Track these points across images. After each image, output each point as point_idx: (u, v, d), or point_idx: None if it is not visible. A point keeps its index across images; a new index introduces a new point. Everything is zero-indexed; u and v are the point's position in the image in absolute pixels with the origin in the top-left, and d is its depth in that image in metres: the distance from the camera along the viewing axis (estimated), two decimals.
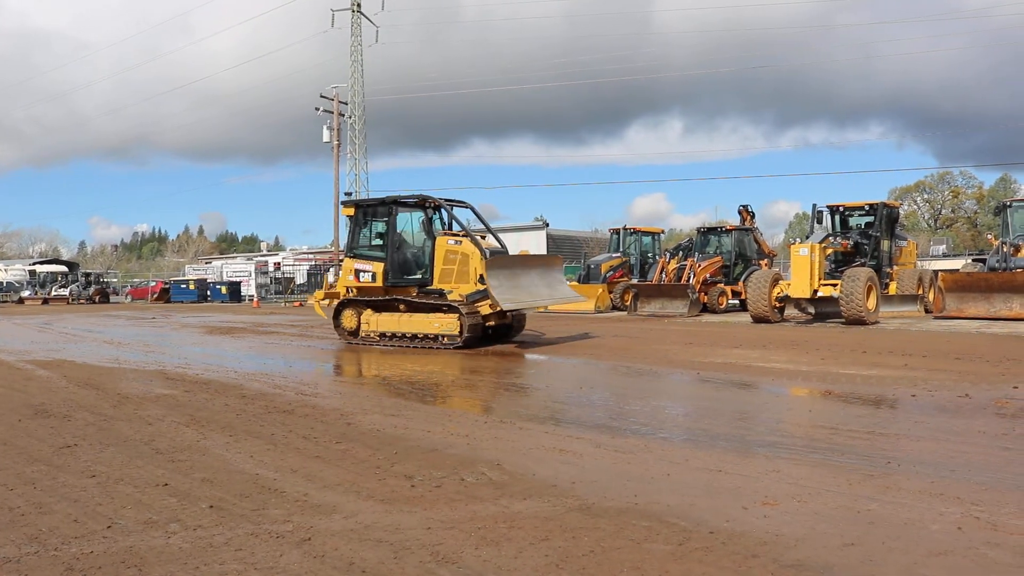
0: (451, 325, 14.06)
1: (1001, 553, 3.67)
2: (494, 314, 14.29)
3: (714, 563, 3.59)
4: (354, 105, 62.06)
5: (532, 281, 14.58)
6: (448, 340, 14.10)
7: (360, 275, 15.40)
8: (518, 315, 15.47)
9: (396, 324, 14.82)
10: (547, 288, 14.84)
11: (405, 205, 15.33)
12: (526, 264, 15.14)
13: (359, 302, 15.46)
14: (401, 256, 15.31)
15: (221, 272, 63.30)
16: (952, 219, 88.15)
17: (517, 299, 14.01)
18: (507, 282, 13.89)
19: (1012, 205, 23.84)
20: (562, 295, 15.44)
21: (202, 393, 9.11)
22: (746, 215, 29.39)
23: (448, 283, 14.59)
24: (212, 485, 5.06)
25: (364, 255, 15.48)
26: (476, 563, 3.65)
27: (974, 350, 12.53)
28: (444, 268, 14.65)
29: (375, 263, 15.22)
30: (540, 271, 15.08)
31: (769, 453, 5.80)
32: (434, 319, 14.30)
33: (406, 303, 14.79)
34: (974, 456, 5.64)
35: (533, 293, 14.47)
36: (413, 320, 14.61)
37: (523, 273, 14.54)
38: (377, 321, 15.07)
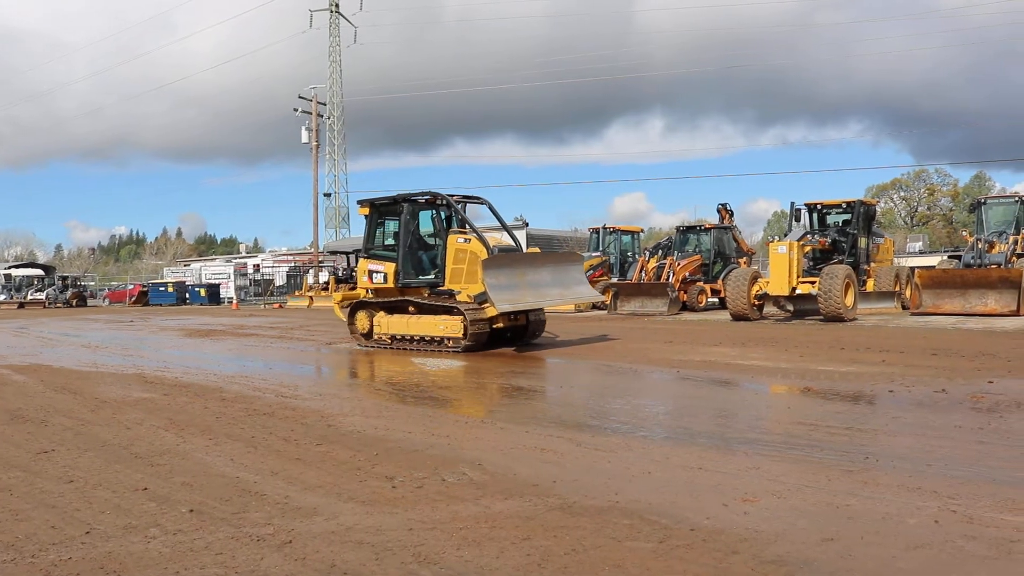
0: (455, 327, 13.56)
1: (977, 546, 3.71)
2: (502, 315, 13.59)
3: (695, 560, 3.61)
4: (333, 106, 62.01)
5: (541, 280, 13.85)
6: (453, 343, 13.62)
7: (373, 276, 15.01)
8: (534, 316, 14.76)
9: (405, 326, 14.37)
10: (560, 287, 14.15)
11: (416, 203, 14.80)
12: (534, 262, 14.23)
13: (373, 304, 15.04)
14: (413, 256, 14.83)
15: (200, 274, 62.96)
16: (928, 216, 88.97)
17: (517, 299, 13.30)
18: (508, 281, 13.23)
19: (986, 202, 24.13)
20: (578, 294, 14.94)
21: (181, 396, 9.05)
22: (725, 214, 29.56)
23: (458, 283, 14.06)
24: (192, 489, 5.03)
25: (377, 255, 15.08)
26: (458, 563, 3.65)
27: (950, 346, 12.65)
28: (454, 268, 14.14)
29: (387, 263, 14.81)
30: (552, 269, 14.31)
31: (749, 450, 5.83)
32: (440, 321, 13.83)
33: (415, 304, 14.32)
34: (951, 450, 5.70)
35: (540, 293, 13.75)
36: (421, 322, 14.14)
37: (530, 272, 13.78)
38: (388, 323, 14.60)
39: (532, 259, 14.31)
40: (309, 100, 50.58)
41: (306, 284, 44.19)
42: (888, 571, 3.45)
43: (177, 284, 54.08)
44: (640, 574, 3.48)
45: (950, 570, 3.44)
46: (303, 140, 50.50)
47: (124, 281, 70.38)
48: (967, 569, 3.45)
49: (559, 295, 14.24)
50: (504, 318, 13.81)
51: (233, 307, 43.40)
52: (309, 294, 40.81)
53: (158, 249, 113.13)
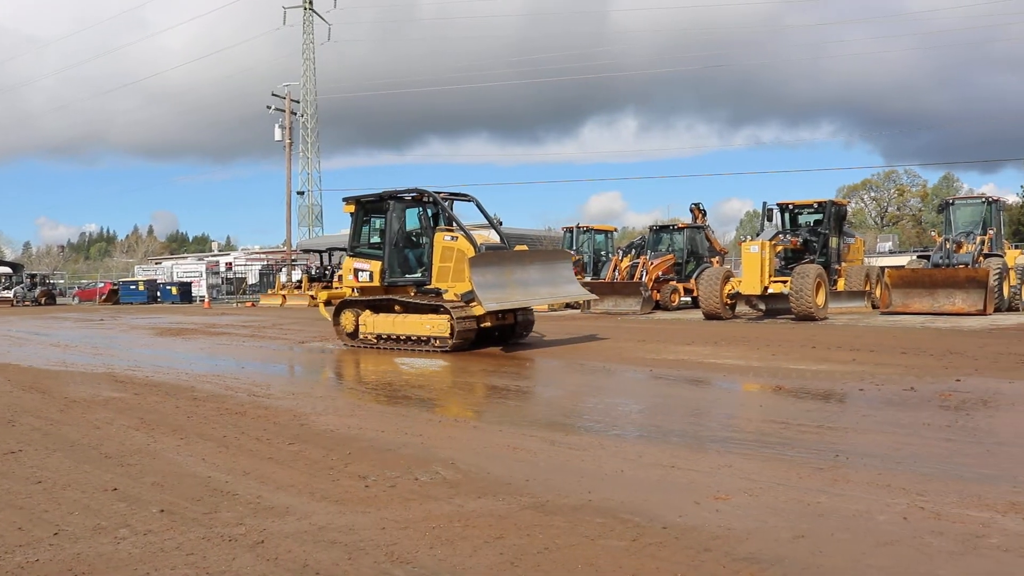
0: (442, 326, 13.27)
1: (944, 541, 3.76)
2: (490, 314, 13.37)
3: (667, 558, 3.63)
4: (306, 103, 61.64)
5: (529, 278, 13.60)
6: (439, 343, 13.34)
7: (359, 274, 14.72)
8: (523, 316, 14.51)
9: (391, 326, 14.11)
10: (549, 286, 13.92)
11: (402, 200, 14.56)
12: (522, 260, 13.92)
13: (359, 303, 14.78)
14: (399, 254, 14.59)
15: (171, 273, 62.32)
16: (898, 216, 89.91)
17: (505, 298, 13.00)
18: (495, 280, 12.98)
19: (954, 203, 24.40)
20: (567, 293, 14.73)
21: (152, 396, 8.97)
22: (698, 213, 29.72)
23: (445, 282, 13.82)
24: (163, 489, 4.99)
25: (363, 253, 14.83)
26: (431, 562, 3.64)
27: (919, 344, 12.80)
28: (441, 266, 13.90)
29: (373, 262, 14.55)
30: (541, 267, 14.05)
31: (721, 448, 5.87)
32: (426, 320, 13.55)
33: (401, 303, 14.08)
34: (919, 448, 5.76)
35: (528, 291, 13.50)
36: (407, 321, 13.87)
37: (517, 270, 13.51)
38: (374, 322, 14.34)
39: (520, 257, 14.06)
40: (282, 98, 50.34)
41: (279, 283, 43.91)
42: (858, 567, 3.48)
43: (148, 282, 53.50)
44: (613, 572, 3.49)
45: (918, 566, 3.49)
46: (276, 138, 50.27)
47: (94, 279, 69.55)
48: (935, 564, 3.49)
49: (548, 294, 14.07)
50: (492, 317, 13.62)
51: (205, 306, 43.04)
52: (282, 292, 40.56)
53: (129, 247, 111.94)
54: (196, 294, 53.14)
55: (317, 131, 64.79)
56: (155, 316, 30.58)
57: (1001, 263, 20.81)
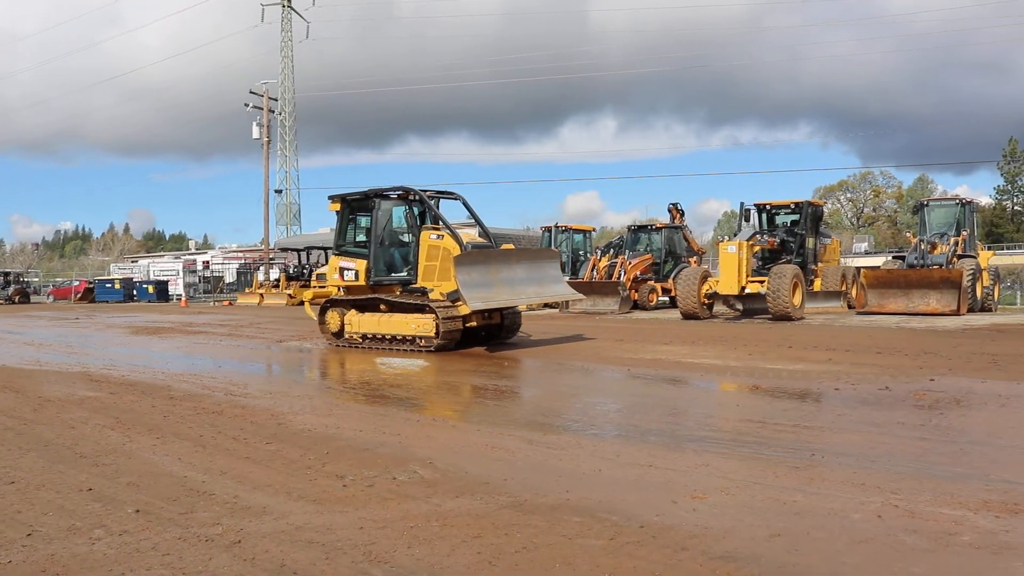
0: (427, 326, 13.12)
1: (918, 539, 3.80)
2: (476, 314, 13.26)
3: (645, 557, 3.65)
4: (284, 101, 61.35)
5: (515, 277, 13.45)
6: (424, 342, 13.19)
7: (344, 273, 14.54)
8: (510, 315, 14.41)
9: (377, 325, 13.97)
10: (536, 285, 13.77)
11: (388, 198, 14.37)
12: (508, 259, 13.71)
13: (344, 302, 14.63)
14: (385, 253, 14.40)
15: (148, 271, 61.90)
16: (874, 217, 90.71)
17: (490, 297, 12.86)
18: (481, 279, 12.82)
19: (929, 204, 24.65)
20: (554, 292, 14.54)
21: (128, 395, 8.90)
22: (676, 213, 29.82)
23: (431, 281, 13.65)
24: (138, 489, 4.95)
25: (349, 252, 14.64)
26: (409, 562, 3.64)
27: (894, 344, 12.92)
28: (427, 265, 13.74)
29: (358, 260, 14.35)
30: (527, 266, 13.89)
31: (698, 447, 5.90)
32: (411, 320, 13.39)
33: (387, 302, 13.89)
34: (894, 447, 5.82)
35: (515, 290, 13.34)
36: (392, 321, 13.73)
37: (504, 269, 13.36)
38: (359, 321, 14.21)
39: (507, 256, 13.86)
40: (260, 95, 50.08)
41: (256, 281, 43.71)
42: (833, 565, 3.52)
43: (124, 281, 53.09)
44: (591, 571, 3.50)
45: (892, 563, 3.52)
46: (254, 136, 50.01)
47: (69, 277, 68.97)
48: (908, 562, 3.53)
49: (535, 293, 13.89)
50: (478, 317, 13.51)
51: (182, 304, 42.74)
52: (260, 291, 40.36)
53: (105, 245, 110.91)
54: (173, 293, 52.85)
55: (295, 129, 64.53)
56: (131, 315, 30.34)
57: (974, 264, 21.03)
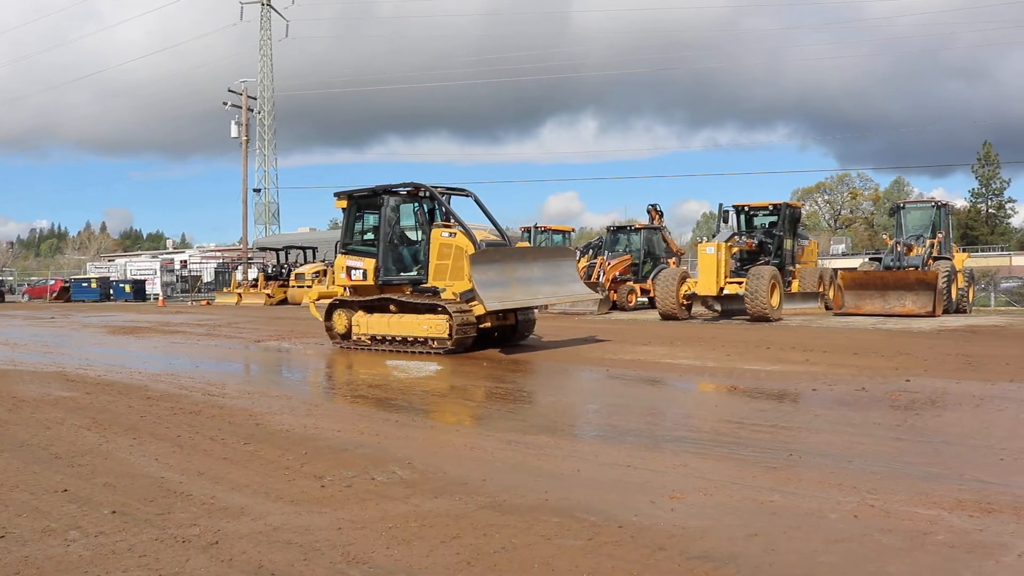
0: (440, 327, 12.61)
1: (893, 538, 3.84)
2: (490, 314, 12.74)
3: (623, 557, 3.66)
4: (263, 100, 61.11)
5: (532, 276, 13.00)
6: (437, 344, 12.68)
7: (352, 273, 14.04)
8: (523, 316, 13.94)
9: (386, 326, 13.41)
10: (552, 285, 13.33)
11: (397, 195, 13.88)
12: (524, 257, 13.30)
13: (351, 303, 14.13)
14: (394, 251, 13.89)
15: (125, 270, 61.44)
16: (851, 219, 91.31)
17: (507, 297, 12.39)
18: (497, 278, 12.33)
19: (905, 207, 24.86)
20: (571, 292, 14.02)
21: (104, 395, 8.83)
22: (655, 214, 29.91)
23: (443, 280, 13.17)
24: (115, 490, 4.91)
25: (356, 251, 14.18)
26: (387, 562, 3.63)
27: (870, 345, 13.02)
28: (439, 264, 13.26)
29: (366, 259, 13.88)
30: (544, 265, 13.44)
31: (676, 448, 5.93)
32: (423, 320, 12.88)
33: (397, 303, 13.38)
34: (870, 447, 5.87)
35: (532, 290, 12.90)
36: (403, 322, 13.20)
37: (520, 268, 12.89)
38: (368, 323, 13.66)
39: (523, 254, 13.50)
40: (239, 94, 49.78)
41: (235, 281, 43.48)
42: (810, 564, 3.54)
43: (101, 280, 52.61)
44: (569, 571, 3.51)
45: (868, 563, 3.55)
46: (233, 135, 49.70)
47: (45, 276, 68.27)
48: (884, 561, 3.56)
49: (551, 293, 13.48)
50: (492, 317, 13.05)
51: (159, 304, 42.43)
52: (238, 291, 40.15)
53: (81, 244, 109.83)
54: (150, 292, 52.45)
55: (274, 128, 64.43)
56: (108, 314, 30.09)
57: (949, 266, 21.24)
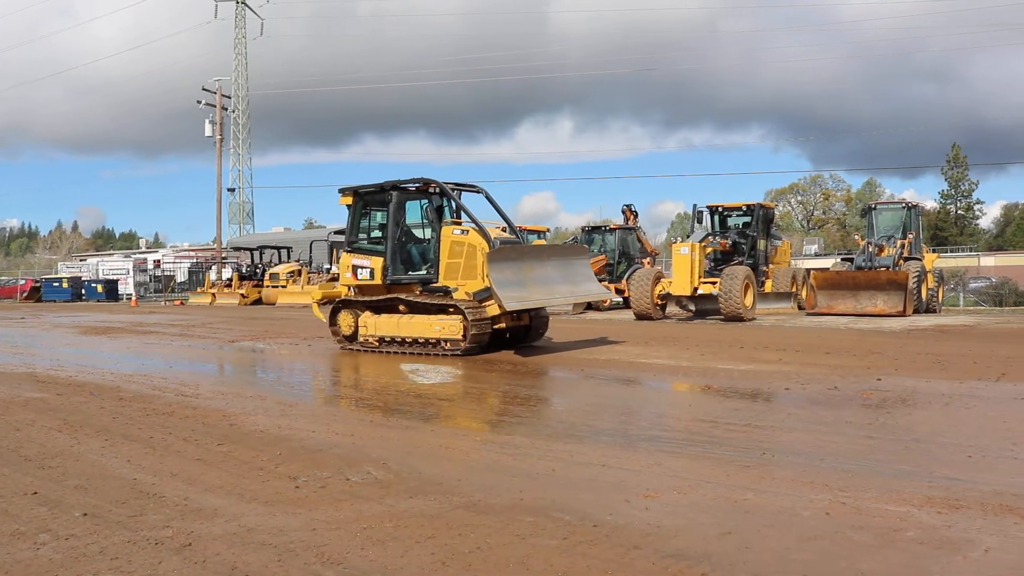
0: (454, 328, 12.23)
1: (865, 535, 3.88)
2: (505, 315, 12.40)
3: (598, 556, 3.67)
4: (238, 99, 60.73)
5: (548, 275, 12.69)
6: (451, 346, 12.30)
7: (358, 272, 13.60)
8: (537, 316, 13.58)
9: (395, 327, 12.94)
10: (568, 284, 13.02)
11: (406, 191, 13.46)
12: (540, 255, 13.01)
13: (357, 303, 13.68)
14: (402, 249, 13.50)
15: (97, 270, 60.75)
16: (823, 220, 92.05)
17: (525, 297, 12.04)
18: (514, 277, 11.98)
19: (877, 208, 25.11)
20: (587, 291, 13.78)
21: (76, 396, 8.74)
22: (630, 214, 30.01)
23: (454, 279, 12.72)
24: (86, 492, 4.87)
25: (362, 249, 13.74)
26: (362, 563, 3.63)
27: (842, 345, 13.14)
28: (449, 262, 12.81)
29: (373, 258, 13.44)
30: (559, 263, 13.14)
31: (651, 447, 5.95)
32: (435, 321, 12.46)
33: (406, 303, 12.96)
34: (842, 445, 5.93)
35: (549, 290, 12.58)
36: (413, 323, 12.74)
37: (536, 266, 12.58)
38: (375, 324, 13.19)
39: (539, 252, 13.24)
40: (213, 92, 49.46)
41: (208, 281, 43.18)
42: (783, 562, 3.58)
43: (72, 279, 52.03)
44: (544, 570, 3.52)
45: (839, 560, 3.59)
46: (207, 134, 49.41)
47: (15, 276, 67.39)
48: (855, 558, 3.60)
49: (568, 292, 13.18)
50: (507, 318, 12.67)
51: (132, 304, 42.04)
52: (212, 291, 39.88)
53: (52, 243, 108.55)
54: (123, 292, 51.98)
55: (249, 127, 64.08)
56: (80, 314, 29.77)
57: (920, 266, 21.49)
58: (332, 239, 39.42)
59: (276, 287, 36.36)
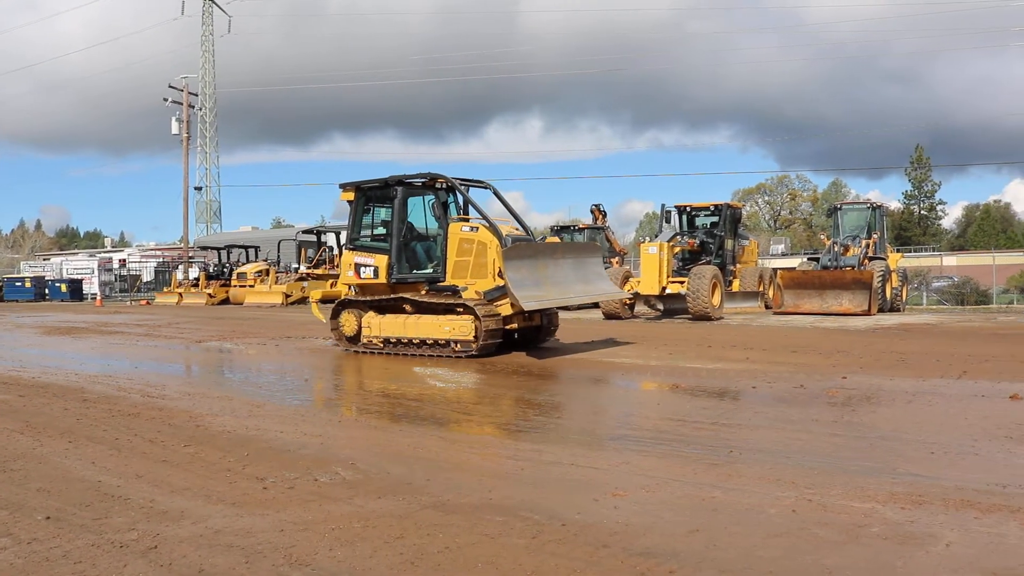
0: (464, 329, 11.81)
1: (830, 532, 3.93)
2: (517, 315, 12.10)
3: (566, 554, 3.69)
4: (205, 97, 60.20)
5: (563, 274, 12.31)
6: (461, 347, 11.86)
7: (360, 270, 13.12)
8: (547, 316, 13.23)
9: (401, 328, 12.46)
10: (582, 283, 12.66)
11: (412, 186, 13.01)
12: (554, 254, 12.58)
13: (360, 302, 13.23)
14: (409, 247, 13.09)
15: (61, 269, 59.95)
16: (790, 220, 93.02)
17: (543, 296, 11.66)
18: (530, 276, 11.59)
19: (842, 208, 25.42)
20: (601, 291, 13.45)
21: (39, 397, 8.62)
22: (598, 214, 30.17)
23: (463, 278, 12.31)
24: (49, 495, 4.80)
25: (365, 247, 13.26)
26: (330, 564, 3.61)
27: (808, 343, 13.27)
28: (458, 260, 12.38)
29: (377, 256, 12.97)
30: (573, 262, 12.74)
31: (619, 446, 5.98)
32: (445, 322, 12.03)
33: (412, 303, 12.54)
34: (808, 443, 5.99)
35: (564, 289, 12.20)
36: (421, 323, 12.28)
37: (551, 264, 12.18)
38: (380, 324, 12.71)
39: (552, 250, 12.79)
40: (180, 90, 49.02)
41: (175, 280, 42.73)
42: (750, 559, 3.61)
43: (35, 279, 51.30)
44: (513, 570, 3.53)
45: (805, 556, 3.63)
46: (173, 131, 48.96)
47: None
48: (821, 554, 3.64)
49: (583, 291, 12.82)
50: (520, 318, 12.34)
51: (97, 304, 41.53)
52: (179, 291, 39.48)
53: (14, 242, 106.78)
54: (88, 292, 51.31)
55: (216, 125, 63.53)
56: (43, 314, 29.35)
57: (884, 266, 21.78)
58: (300, 238, 39.23)
59: (244, 287, 36.07)
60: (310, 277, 35.36)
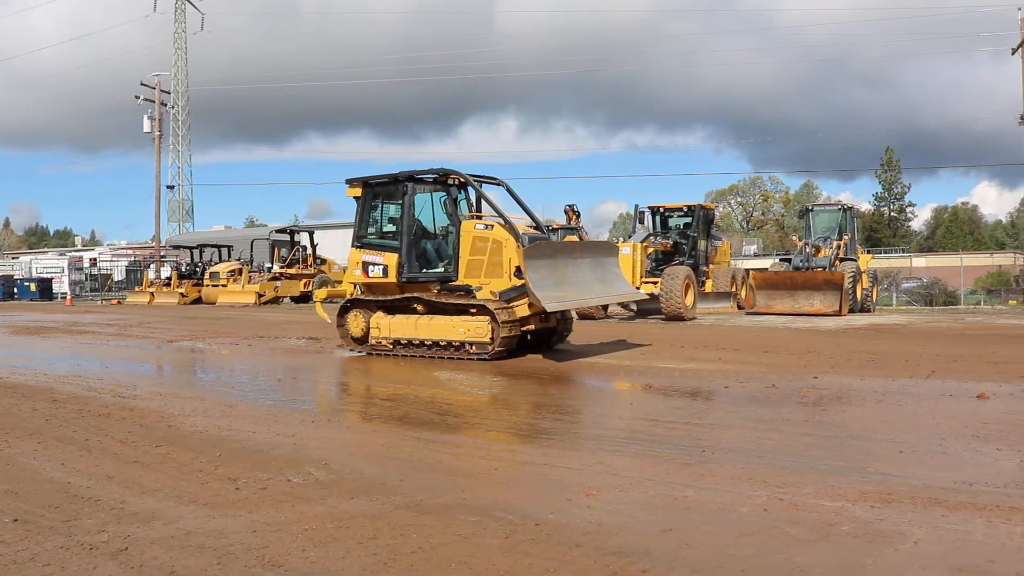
0: (480, 330, 11.43)
1: (801, 530, 3.96)
2: (534, 315, 11.83)
3: (540, 554, 3.69)
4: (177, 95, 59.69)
5: (581, 274, 12.02)
6: (477, 349, 11.51)
7: (369, 269, 12.68)
8: (563, 317, 12.92)
9: (413, 329, 12.08)
10: (601, 283, 12.36)
11: (423, 182, 12.64)
12: (573, 253, 12.32)
13: (368, 302, 12.82)
14: (419, 245, 12.66)
15: (30, 268, 59.18)
16: (762, 221, 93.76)
17: (564, 297, 11.38)
18: (550, 276, 11.28)
19: (814, 209, 25.64)
20: (619, 291, 13.17)
21: (6, 398, 8.51)
22: (572, 215, 30.16)
23: (477, 277, 11.89)
24: (17, 497, 4.75)
25: (373, 244, 12.82)
26: (303, 565, 3.60)
27: (780, 343, 13.38)
28: (472, 259, 11.97)
29: (387, 254, 12.51)
30: (591, 261, 12.46)
31: (592, 446, 6.00)
32: (459, 323, 11.66)
33: (424, 303, 12.18)
34: (779, 442, 6.04)
35: (583, 289, 11.93)
36: (433, 324, 11.89)
37: (570, 264, 11.87)
38: (390, 325, 12.30)
39: (571, 250, 12.61)
40: (152, 88, 48.56)
41: (147, 280, 42.32)
42: (722, 558, 3.63)
43: (4, 278, 50.63)
44: (486, 570, 3.53)
45: (776, 554, 3.66)
46: (145, 129, 48.50)
47: None
48: (792, 552, 3.67)
49: (602, 292, 12.55)
50: (536, 319, 12.04)
51: (67, 303, 41.05)
52: (150, 290, 39.12)
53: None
54: (57, 291, 50.71)
55: (189, 124, 63.07)
56: (11, 314, 28.97)
57: (855, 267, 21.99)
58: (273, 238, 39.01)
59: (216, 286, 35.82)
60: (283, 277, 35.19)
